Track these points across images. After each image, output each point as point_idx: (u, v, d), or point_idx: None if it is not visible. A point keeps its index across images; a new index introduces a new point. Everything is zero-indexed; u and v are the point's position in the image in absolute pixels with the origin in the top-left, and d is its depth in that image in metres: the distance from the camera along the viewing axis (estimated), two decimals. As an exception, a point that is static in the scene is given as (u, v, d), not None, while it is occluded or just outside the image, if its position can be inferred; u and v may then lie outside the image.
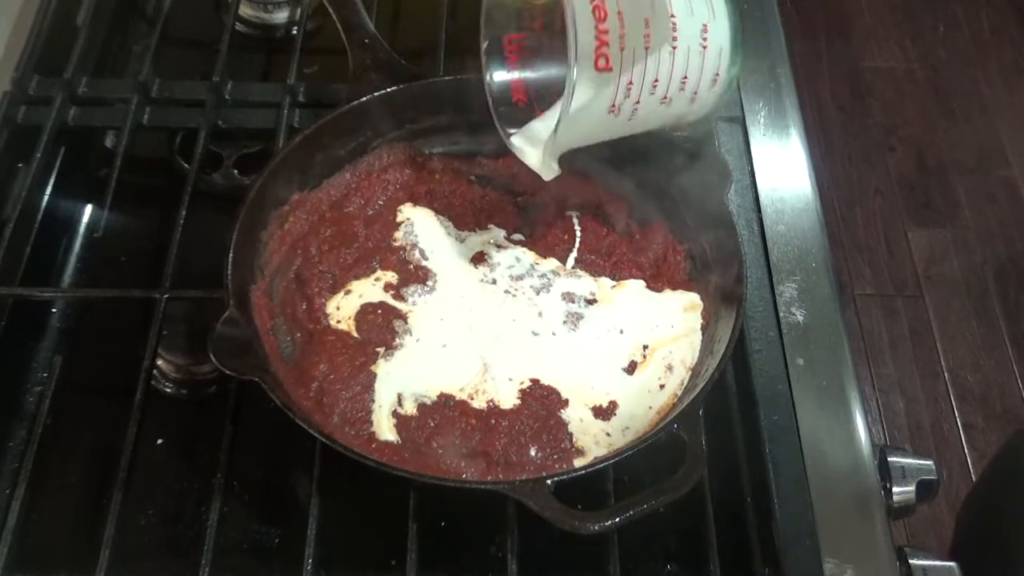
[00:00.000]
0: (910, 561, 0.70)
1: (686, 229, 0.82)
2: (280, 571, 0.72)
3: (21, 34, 0.95)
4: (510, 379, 0.75)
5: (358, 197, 0.84)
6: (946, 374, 2.03)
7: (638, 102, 0.68)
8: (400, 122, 0.87)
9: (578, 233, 0.84)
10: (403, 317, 0.78)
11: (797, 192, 0.90)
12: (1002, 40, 2.57)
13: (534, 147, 0.75)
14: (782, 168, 0.92)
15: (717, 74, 0.71)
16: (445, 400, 0.73)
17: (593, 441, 0.72)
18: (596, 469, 0.67)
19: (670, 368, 0.76)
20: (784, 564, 0.69)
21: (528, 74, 0.79)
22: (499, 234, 0.84)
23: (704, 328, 0.78)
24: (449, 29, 0.98)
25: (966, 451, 1.93)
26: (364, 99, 0.84)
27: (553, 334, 0.78)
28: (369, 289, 0.79)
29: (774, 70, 0.99)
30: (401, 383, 0.74)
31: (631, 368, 0.76)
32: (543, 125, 0.76)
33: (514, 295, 0.80)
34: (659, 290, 0.81)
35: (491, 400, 0.73)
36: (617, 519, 0.62)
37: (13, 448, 0.77)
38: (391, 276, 0.80)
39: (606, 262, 0.82)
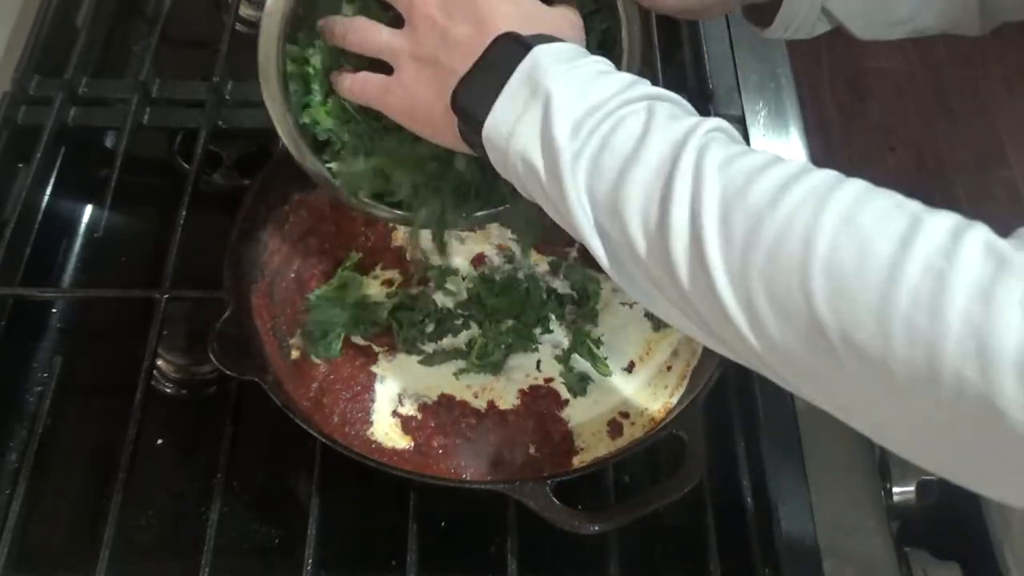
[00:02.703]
0: (910, 561, 0.70)
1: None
2: (280, 571, 0.72)
3: (21, 34, 0.95)
4: (525, 375, 0.75)
5: (358, 197, 0.84)
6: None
7: None
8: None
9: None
10: (405, 318, 0.78)
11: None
12: (1002, 40, 2.57)
13: None
14: (782, 168, 0.92)
15: None
16: (446, 400, 0.73)
17: (593, 441, 0.72)
18: (596, 469, 0.67)
19: (675, 354, 0.76)
20: (784, 564, 0.69)
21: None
22: (500, 234, 0.84)
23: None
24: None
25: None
26: (364, 99, 0.84)
27: (554, 338, 0.78)
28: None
29: (774, 70, 0.99)
30: (402, 383, 0.74)
31: (630, 367, 0.76)
32: None
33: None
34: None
35: (491, 400, 0.74)
36: (617, 519, 0.62)
37: (13, 448, 0.77)
38: (392, 276, 0.80)
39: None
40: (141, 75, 0.92)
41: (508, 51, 0.52)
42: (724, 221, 0.43)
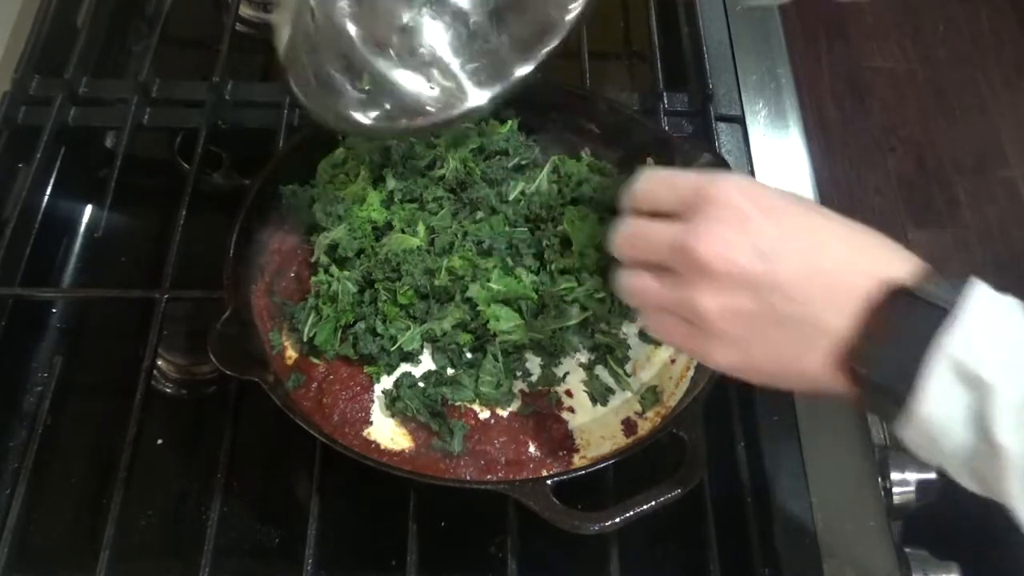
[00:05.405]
0: (910, 561, 0.70)
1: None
2: (280, 571, 0.72)
3: (21, 34, 0.95)
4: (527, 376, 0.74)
5: (358, 197, 0.84)
6: (946, 374, 2.02)
7: None
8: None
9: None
10: (404, 317, 0.78)
11: (797, 192, 0.90)
12: (1002, 40, 2.57)
13: None
14: (782, 168, 0.92)
15: None
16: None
17: (594, 440, 0.72)
18: (596, 469, 0.67)
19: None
20: (784, 564, 0.69)
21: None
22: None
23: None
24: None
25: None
26: (364, 99, 0.84)
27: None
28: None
29: (774, 70, 0.99)
30: (401, 383, 0.74)
31: (633, 368, 0.76)
32: None
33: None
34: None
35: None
36: (617, 519, 0.62)
37: (13, 448, 0.77)
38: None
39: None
40: (141, 75, 0.92)
41: (911, 313, 0.47)
42: None
